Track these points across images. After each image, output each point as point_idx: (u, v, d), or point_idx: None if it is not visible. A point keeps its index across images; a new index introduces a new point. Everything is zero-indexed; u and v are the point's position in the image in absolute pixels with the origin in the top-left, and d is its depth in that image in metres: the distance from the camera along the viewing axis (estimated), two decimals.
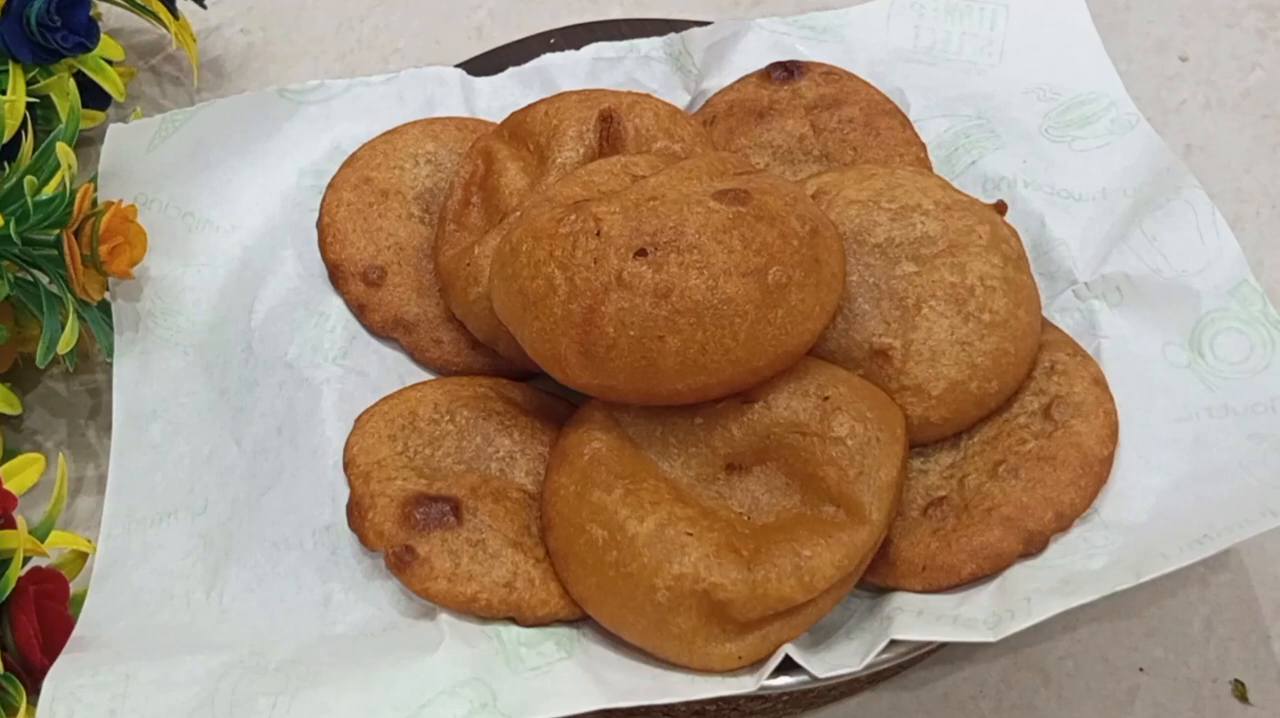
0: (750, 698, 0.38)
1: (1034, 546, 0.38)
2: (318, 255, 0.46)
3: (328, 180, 0.48)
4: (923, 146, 0.48)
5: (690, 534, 0.37)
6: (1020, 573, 0.38)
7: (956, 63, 0.52)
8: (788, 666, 0.37)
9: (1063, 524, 0.39)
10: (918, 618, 0.37)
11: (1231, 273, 0.42)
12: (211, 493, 0.41)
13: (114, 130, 0.47)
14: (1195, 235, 0.43)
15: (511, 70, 0.51)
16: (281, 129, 0.49)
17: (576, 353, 0.36)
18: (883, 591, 0.40)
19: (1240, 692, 0.43)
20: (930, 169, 0.48)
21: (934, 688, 0.43)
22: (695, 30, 0.52)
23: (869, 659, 0.36)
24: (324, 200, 0.47)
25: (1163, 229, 0.44)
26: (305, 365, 0.44)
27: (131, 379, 0.43)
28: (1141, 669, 0.44)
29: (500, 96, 0.51)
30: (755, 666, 0.37)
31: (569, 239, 0.36)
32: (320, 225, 0.47)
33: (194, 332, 0.44)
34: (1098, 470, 0.39)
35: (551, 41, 0.52)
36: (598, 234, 0.35)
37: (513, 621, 0.38)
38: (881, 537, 0.38)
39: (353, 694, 0.34)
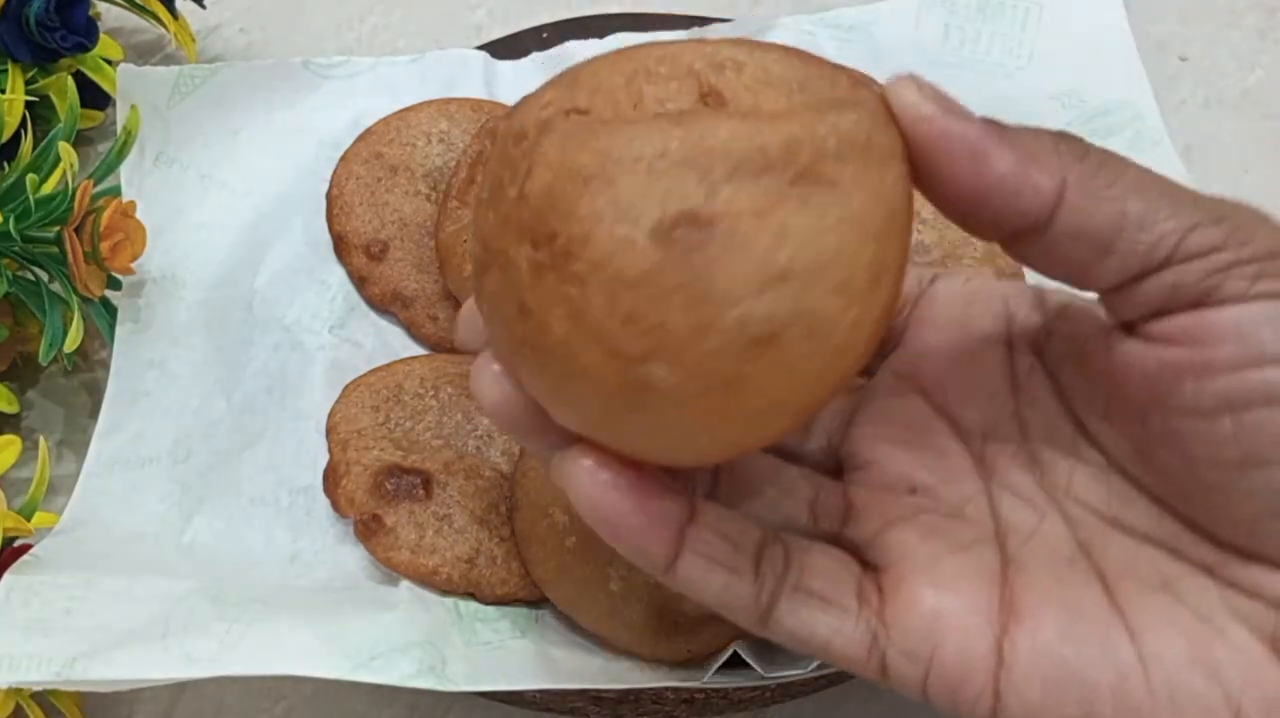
0: (736, 688, 0.39)
1: None
2: (325, 225, 0.47)
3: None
4: None
5: None
6: None
7: (984, 64, 0.51)
8: (739, 662, 0.37)
9: None
10: None
11: None
12: (195, 443, 0.42)
13: (126, 72, 0.47)
14: None
15: (534, 55, 0.52)
16: (304, 100, 0.50)
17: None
18: None
19: None
20: None
21: None
22: (718, 26, 0.51)
23: (817, 663, 0.36)
24: (335, 172, 0.48)
25: None
26: (302, 331, 0.45)
27: (132, 328, 0.44)
28: None
29: (521, 81, 0.51)
30: (705, 659, 0.37)
31: (499, 174, 0.23)
32: (329, 196, 0.48)
33: (199, 288, 0.46)
34: None
35: (544, 36, 0.52)
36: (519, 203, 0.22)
37: (472, 596, 0.39)
38: None
39: (306, 634, 0.35)
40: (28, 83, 0.48)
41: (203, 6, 0.56)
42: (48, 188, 0.44)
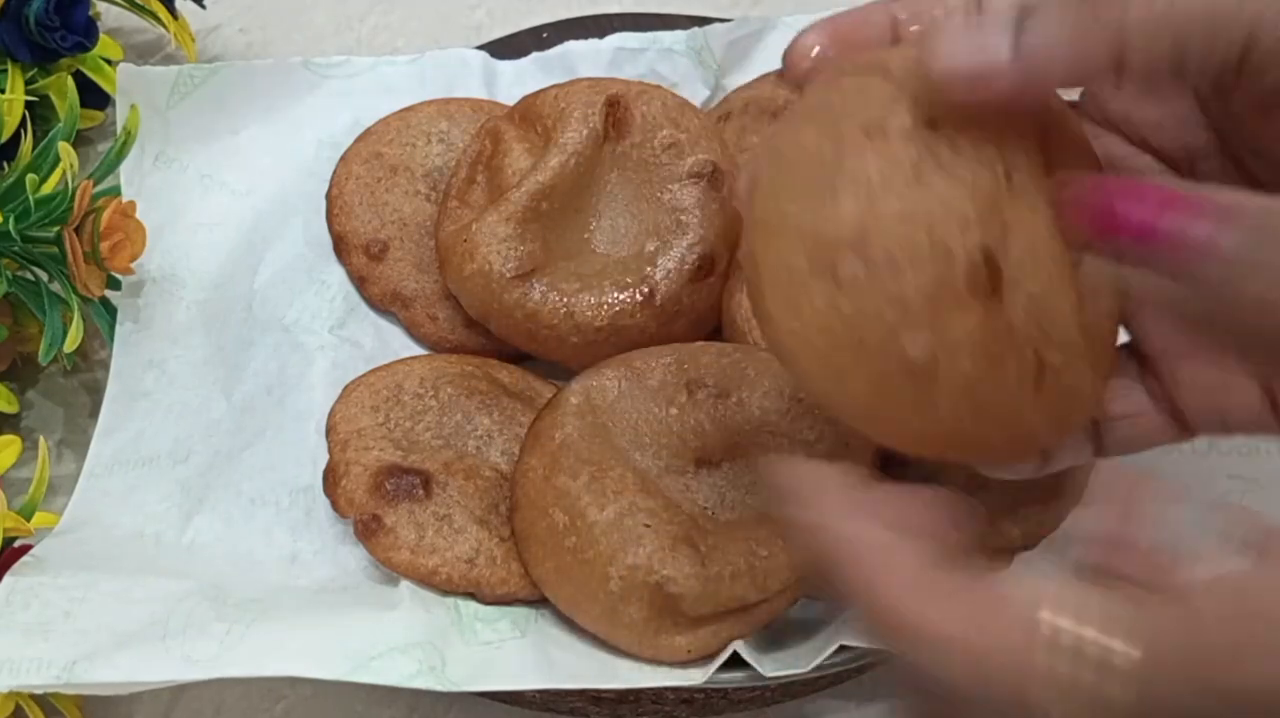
0: (736, 688, 0.39)
1: (994, 560, 0.38)
2: (325, 225, 0.47)
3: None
4: None
5: (648, 526, 0.37)
6: None
7: None
8: (739, 661, 0.37)
9: (1029, 542, 0.38)
10: None
11: None
12: (195, 444, 0.42)
13: (126, 71, 0.47)
14: None
15: (534, 55, 0.52)
16: (304, 100, 0.50)
17: None
18: None
19: None
20: None
21: None
22: (718, 25, 0.52)
23: (817, 662, 0.36)
24: (335, 172, 0.48)
25: None
26: (301, 331, 0.45)
27: (132, 328, 0.44)
28: None
29: (521, 81, 0.51)
30: (705, 659, 0.37)
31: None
32: (329, 196, 0.48)
33: (199, 288, 0.46)
34: (1071, 492, 0.38)
35: (544, 36, 0.52)
36: None
37: (472, 596, 0.39)
38: None
39: (307, 635, 0.35)
40: (28, 83, 0.48)
41: (203, 6, 0.56)
42: (48, 188, 0.44)
